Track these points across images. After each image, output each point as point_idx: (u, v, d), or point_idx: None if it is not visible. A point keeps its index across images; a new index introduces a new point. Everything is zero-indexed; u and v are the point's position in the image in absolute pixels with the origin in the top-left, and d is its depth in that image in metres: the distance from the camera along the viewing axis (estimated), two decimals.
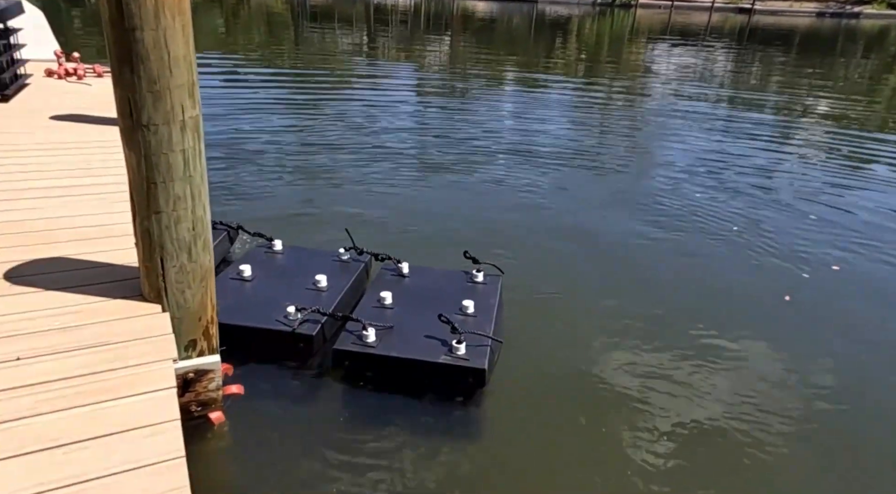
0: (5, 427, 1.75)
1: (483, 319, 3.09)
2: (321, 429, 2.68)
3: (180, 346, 2.42)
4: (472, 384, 2.81)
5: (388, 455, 2.55)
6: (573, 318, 3.70)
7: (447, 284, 3.46)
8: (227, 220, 3.98)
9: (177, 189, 2.26)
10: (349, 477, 2.43)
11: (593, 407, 2.96)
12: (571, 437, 2.77)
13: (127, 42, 2.03)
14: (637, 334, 3.57)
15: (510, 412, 2.88)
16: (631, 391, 3.08)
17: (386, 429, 2.69)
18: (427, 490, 2.41)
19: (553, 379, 3.14)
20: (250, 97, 8.91)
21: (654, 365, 3.30)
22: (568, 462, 2.63)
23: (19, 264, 2.63)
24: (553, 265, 4.38)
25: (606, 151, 7.50)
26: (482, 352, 2.84)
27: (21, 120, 4.69)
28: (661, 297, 4.02)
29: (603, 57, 17.29)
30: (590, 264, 4.43)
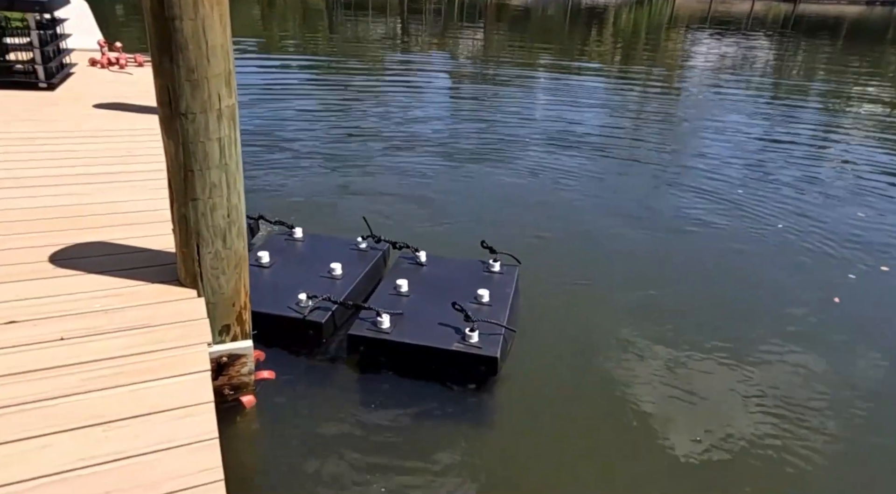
0: (52, 404, 1.83)
1: (497, 308, 3.11)
2: (349, 416, 2.72)
3: (214, 330, 2.48)
4: (484, 372, 2.84)
5: (411, 444, 2.58)
6: (597, 310, 3.66)
7: (464, 273, 3.48)
8: (250, 210, 4.01)
9: (213, 177, 2.31)
10: (374, 463, 2.46)
11: (608, 402, 2.93)
12: (584, 430, 2.76)
13: (167, 32, 2.07)
14: (665, 329, 3.51)
15: (523, 402, 2.88)
16: (650, 387, 3.03)
17: (409, 417, 2.72)
18: (435, 476, 2.43)
19: (569, 371, 3.12)
20: (283, 85, 9.00)
21: (679, 362, 3.24)
22: (578, 454, 2.62)
23: (63, 247, 2.72)
24: (583, 256, 4.34)
25: (643, 142, 7.35)
26: (495, 340, 2.87)
27: (66, 108, 4.83)
28: (695, 292, 3.94)
29: (640, 47, 16.92)
30: (622, 256, 4.37)
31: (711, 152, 6.97)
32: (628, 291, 3.88)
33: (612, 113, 8.91)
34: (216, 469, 1.67)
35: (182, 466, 1.67)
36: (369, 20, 18.76)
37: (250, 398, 2.64)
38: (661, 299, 3.82)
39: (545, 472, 2.51)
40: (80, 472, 1.61)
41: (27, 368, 1.96)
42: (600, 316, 3.60)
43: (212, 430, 1.80)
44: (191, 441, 1.75)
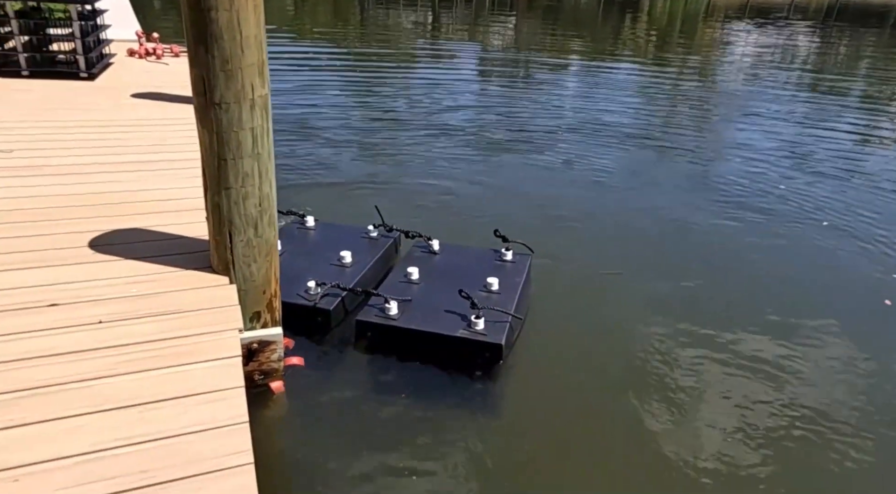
0: (89, 384, 1.89)
1: (506, 296, 3.13)
2: (377, 403, 2.75)
3: (245, 317, 2.53)
4: (489, 358, 2.87)
5: (432, 432, 2.59)
6: (619, 301, 3.62)
7: (475, 261, 3.50)
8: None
9: (245, 166, 2.34)
10: (398, 451, 2.48)
11: (620, 394, 2.89)
12: (591, 420, 2.75)
13: (203, 22, 2.10)
14: (690, 323, 3.44)
15: (529, 390, 2.89)
16: (666, 381, 2.98)
17: (434, 405, 2.73)
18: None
19: (581, 360, 3.10)
20: (313, 75, 9.07)
21: (704, 358, 3.16)
22: (584, 444, 2.62)
23: (102, 233, 2.80)
24: (610, 246, 4.30)
25: (679, 133, 7.21)
26: (500, 328, 2.90)
27: (105, 97, 4.96)
28: (729, 287, 3.84)
29: (675, 38, 16.53)
30: (652, 248, 4.31)
31: (751, 144, 6.79)
32: (655, 283, 3.82)
33: (645, 103, 8.75)
34: (247, 452, 1.70)
35: (214, 448, 1.71)
36: (400, 10, 18.75)
37: (279, 384, 2.69)
38: (690, 292, 3.74)
39: (547, 462, 2.51)
40: (115, 451, 1.67)
41: (67, 349, 2.03)
42: (622, 308, 3.56)
43: (242, 414, 1.83)
44: (222, 425, 1.79)
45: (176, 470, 1.63)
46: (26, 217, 2.89)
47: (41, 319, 2.17)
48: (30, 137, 3.91)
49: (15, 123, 4.15)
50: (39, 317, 2.18)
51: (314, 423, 2.61)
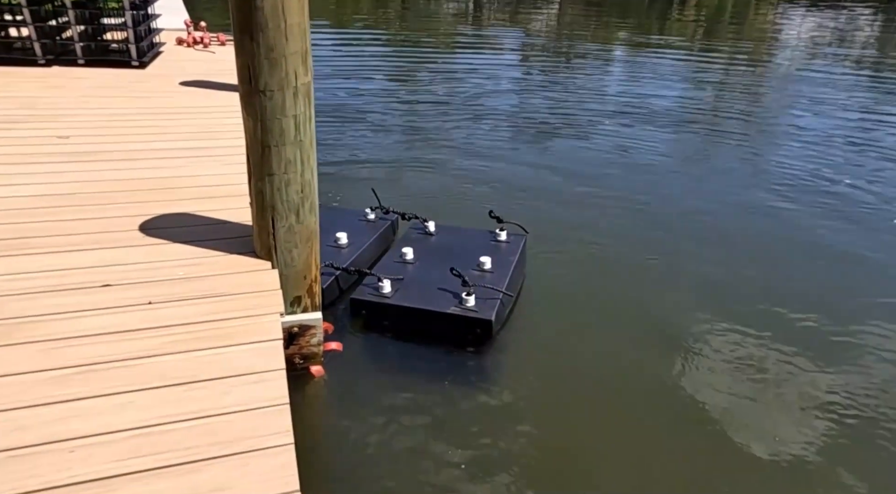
0: (138, 363, 1.96)
1: (498, 275, 3.20)
2: (415, 389, 2.77)
3: (286, 301, 2.58)
4: (480, 334, 2.94)
5: (472, 421, 2.60)
6: (643, 283, 3.60)
7: (471, 242, 3.56)
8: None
9: (288, 153, 2.38)
10: (436, 437, 2.50)
11: (612, 374, 2.92)
12: (580, 397, 2.79)
13: (248, 10, 2.13)
14: (710, 310, 3.37)
15: (523, 365, 2.94)
16: (663, 367, 2.95)
17: (474, 390, 2.74)
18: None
19: (577, 340, 3.11)
20: (355, 63, 9.13)
21: (718, 349, 3.09)
22: (571, 417, 2.66)
23: (152, 217, 2.90)
24: (641, 230, 4.24)
25: (730, 119, 7.00)
26: (491, 304, 2.96)
27: (155, 85, 5.11)
28: (764, 276, 3.71)
29: (725, 22, 15.94)
30: (692, 235, 4.22)
31: (811, 131, 6.54)
32: (682, 266, 3.76)
33: (694, 89, 8.52)
34: (287, 432, 1.74)
35: (256, 427, 1.75)
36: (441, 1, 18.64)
37: (319, 368, 2.74)
38: (722, 280, 3.66)
39: (536, 435, 2.54)
40: (163, 427, 1.73)
41: (118, 329, 2.11)
42: (643, 290, 3.53)
43: (283, 396, 1.88)
44: (264, 405, 1.83)
45: (219, 448, 1.68)
46: (82, 201, 3.01)
47: (95, 298, 2.26)
48: (85, 124, 4.06)
49: (72, 109, 4.32)
50: (93, 297, 2.27)
51: (353, 407, 2.65)
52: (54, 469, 1.58)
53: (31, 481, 1.54)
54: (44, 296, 2.25)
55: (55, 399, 1.79)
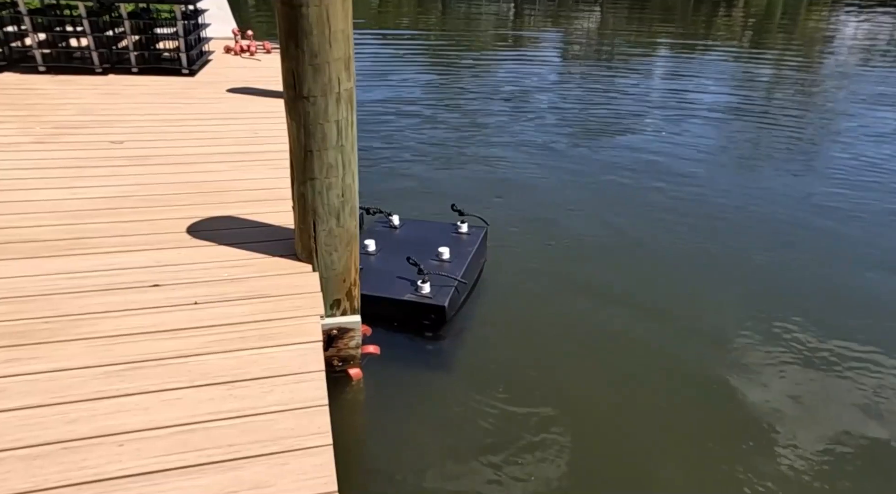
0: (185, 361, 2.02)
1: (456, 264, 3.35)
2: (452, 393, 2.77)
3: (326, 304, 2.61)
4: (435, 319, 3.08)
5: (516, 430, 2.58)
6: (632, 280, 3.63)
7: (432, 234, 3.67)
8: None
9: (330, 158, 2.41)
10: (476, 447, 2.48)
11: (573, 362, 3.03)
12: (542, 369, 2.94)
13: (294, 18, 2.17)
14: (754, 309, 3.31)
15: (479, 349, 3.06)
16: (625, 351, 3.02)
17: (520, 400, 2.72)
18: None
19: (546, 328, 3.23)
20: (397, 69, 9.22)
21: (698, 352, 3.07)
22: (521, 395, 2.76)
23: (199, 219, 2.98)
24: (663, 227, 4.22)
25: (778, 128, 6.76)
26: (445, 291, 3.11)
27: (203, 92, 5.27)
28: (820, 274, 3.59)
29: (774, 26, 15.46)
30: (738, 229, 4.17)
31: (865, 132, 6.28)
32: (742, 261, 3.69)
33: (742, 90, 8.27)
34: (326, 433, 1.76)
35: (295, 427, 1.78)
36: (482, 3, 18.68)
37: (357, 370, 2.76)
38: (758, 288, 3.57)
39: (482, 412, 2.64)
40: (207, 424, 1.77)
41: (166, 327, 2.18)
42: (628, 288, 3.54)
43: (323, 397, 1.90)
44: (304, 405, 1.85)
45: (260, 447, 1.71)
46: (135, 204, 3.12)
47: (145, 297, 2.34)
48: (138, 129, 4.22)
49: (126, 115, 4.50)
50: (144, 296, 2.35)
51: (390, 410, 2.66)
52: (104, 461, 1.64)
53: (82, 472, 1.60)
54: (98, 294, 2.34)
55: (106, 394, 1.86)
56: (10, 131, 4.03)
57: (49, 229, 2.81)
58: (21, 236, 2.74)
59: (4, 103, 4.59)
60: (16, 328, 2.13)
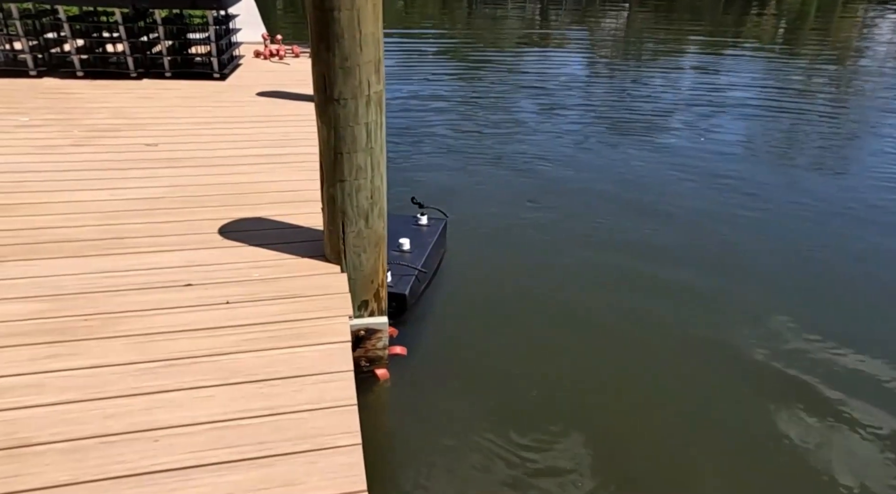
0: (217, 359, 2.06)
1: (416, 254, 3.45)
2: (479, 394, 2.77)
3: (354, 305, 2.63)
4: (396, 307, 3.15)
5: (544, 436, 2.57)
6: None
7: (394, 226, 3.70)
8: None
9: (359, 160, 2.43)
10: (501, 442, 2.48)
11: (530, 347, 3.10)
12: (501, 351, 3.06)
13: (326, 21, 2.20)
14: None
15: (504, 352, 3.08)
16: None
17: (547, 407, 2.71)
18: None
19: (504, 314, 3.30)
20: (423, 72, 9.25)
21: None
22: (550, 394, 2.79)
23: (231, 220, 3.04)
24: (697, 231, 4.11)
25: (811, 134, 6.60)
26: (406, 281, 3.22)
27: (235, 96, 5.37)
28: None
29: (807, 26, 15.11)
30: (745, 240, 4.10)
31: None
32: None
33: (771, 91, 8.10)
34: (355, 432, 1.77)
35: (324, 426, 1.80)
36: (508, 6, 18.65)
37: (384, 371, 2.78)
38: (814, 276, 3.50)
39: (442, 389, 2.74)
40: (239, 422, 1.80)
41: (200, 326, 2.22)
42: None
43: (351, 396, 1.91)
44: (333, 405, 1.87)
45: (290, 445, 1.73)
46: (169, 205, 3.20)
47: (179, 296, 2.39)
48: (172, 132, 4.32)
49: (160, 118, 4.61)
50: (177, 295, 2.40)
51: (417, 411, 2.67)
52: (139, 456, 1.67)
53: (118, 467, 1.64)
54: (134, 293, 2.40)
55: (142, 391, 1.90)
56: (51, 134, 4.16)
57: (88, 229, 2.89)
58: (63, 235, 2.83)
59: (45, 107, 4.74)
60: (57, 324, 2.19)
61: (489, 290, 3.58)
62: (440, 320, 3.29)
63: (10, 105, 4.74)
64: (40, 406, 1.82)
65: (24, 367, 1.98)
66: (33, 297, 2.35)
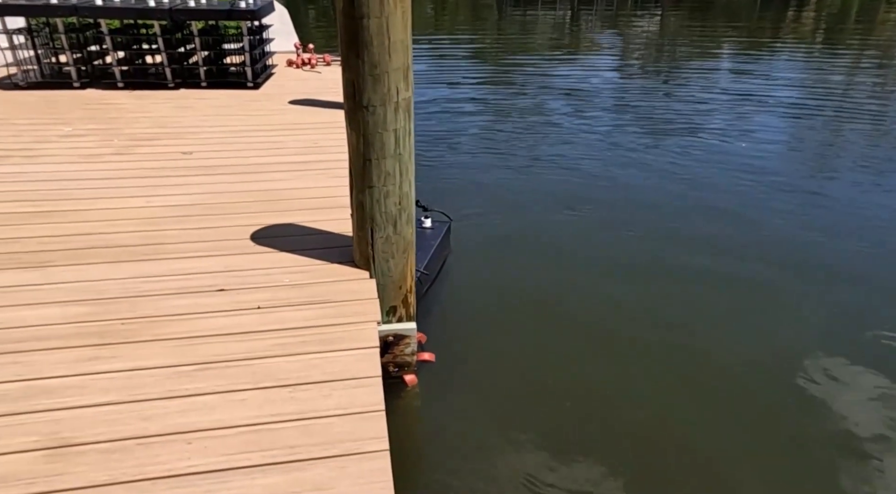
0: (249, 363, 2.10)
1: (419, 257, 3.35)
2: (507, 400, 2.75)
3: (383, 310, 2.65)
4: None
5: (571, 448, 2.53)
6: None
7: None
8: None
9: (387, 166, 2.45)
10: (527, 448, 2.46)
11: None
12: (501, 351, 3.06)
13: (355, 29, 2.23)
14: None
15: (535, 357, 3.06)
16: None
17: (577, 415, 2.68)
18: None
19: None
20: (452, 78, 9.29)
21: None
22: (582, 399, 2.77)
23: (262, 227, 3.10)
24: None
25: (853, 144, 6.40)
26: None
27: (267, 104, 5.48)
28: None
29: (849, 28, 14.65)
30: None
31: None
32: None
33: (813, 94, 7.87)
34: (383, 438, 1.78)
35: (353, 431, 1.81)
36: (538, 12, 18.59)
37: (412, 377, 2.79)
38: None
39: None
40: (270, 426, 1.83)
41: (232, 330, 2.27)
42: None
43: (380, 401, 1.93)
44: (362, 410, 1.89)
45: (320, 449, 1.75)
46: (203, 211, 3.27)
47: (212, 301, 2.45)
48: (206, 140, 4.43)
49: (195, 127, 4.73)
50: (210, 299, 2.46)
51: (445, 417, 2.67)
52: (175, 457, 1.72)
53: (154, 468, 1.68)
54: (170, 298, 2.46)
55: (177, 394, 1.95)
56: (93, 143, 4.31)
57: (128, 235, 2.99)
58: (104, 241, 2.93)
59: (87, 117, 4.92)
60: (99, 328, 2.27)
61: (524, 296, 3.55)
62: (471, 325, 3.27)
63: (56, 116, 4.93)
64: (83, 407, 1.89)
65: (69, 369, 2.05)
66: (77, 301, 2.43)
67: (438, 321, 3.23)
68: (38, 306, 2.39)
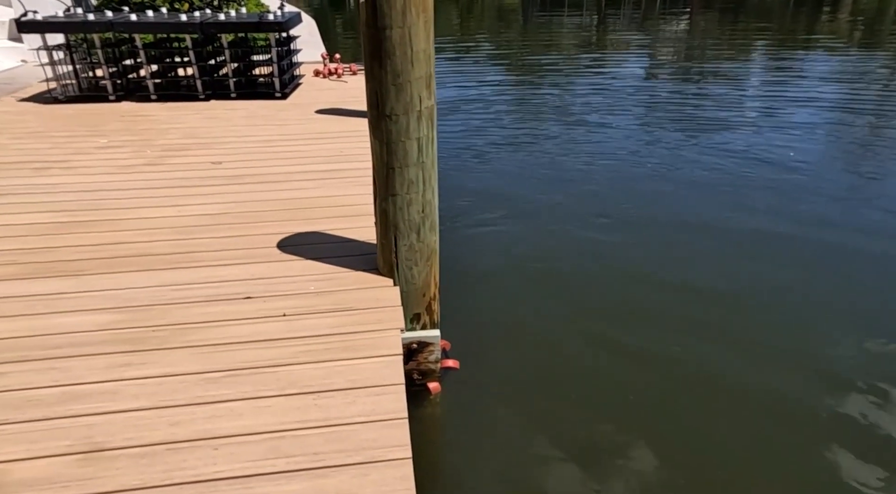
0: (275, 370, 2.12)
1: None
2: (531, 409, 2.73)
3: (406, 318, 2.66)
4: None
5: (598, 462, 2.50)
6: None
7: None
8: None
9: (410, 174, 2.47)
10: (552, 459, 2.43)
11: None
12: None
13: (378, 40, 2.25)
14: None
15: (558, 366, 3.02)
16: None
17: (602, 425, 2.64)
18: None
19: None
20: (476, 85, 9.31)
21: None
22: (600, 406, 2.73)
23: (288, 235, 3.14)
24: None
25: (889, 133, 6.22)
26: None
27: (294, 114, 5.57)
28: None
29: (887, 26, 14.22)
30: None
31: None
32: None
33: (852, 98, 7.66)
34: (406, 446, 1.79)
35: (376, 438, 1.82)
36: (564, 16, 18.53)
37: (436, 384, 2.79)
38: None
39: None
40: (295, 432, 1.85)
41: (257, 337, 2.30)
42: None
43: (403, 409, 1.93)
44: (385, 418, 1.90)
45: (344, 456, 1.76)
46: (232, 220, 3.34)
47: (239, 309, 2.49)
48: (235, 150, 4.52)
49: (225, 137, 4.84)
50: (237, 307, 2.50)
51: (469, 425, 2.66)
52: (202, 463, 1.75)
53: (182, 473, 1.72)
54: (199, 305, 2.52)
55: (204, 400, 1.99)
56: (126, 154, 4.44)
57: (159, 244, 3.06)
58: (137, 250, 3.01)
59: (122, 129, 5.07)
60: (130, 335, 2.33)
61: (551, 304, 3.52)
62: (497, 333, 3.26)
63: (92, 128, 5.09)
64: (115, 413, 1.93)
65: (102, 374, 2.11)
66: (110, 308, 2.50)
67: (463, 329, 3.23)
68: (73, 313, 2.47)
